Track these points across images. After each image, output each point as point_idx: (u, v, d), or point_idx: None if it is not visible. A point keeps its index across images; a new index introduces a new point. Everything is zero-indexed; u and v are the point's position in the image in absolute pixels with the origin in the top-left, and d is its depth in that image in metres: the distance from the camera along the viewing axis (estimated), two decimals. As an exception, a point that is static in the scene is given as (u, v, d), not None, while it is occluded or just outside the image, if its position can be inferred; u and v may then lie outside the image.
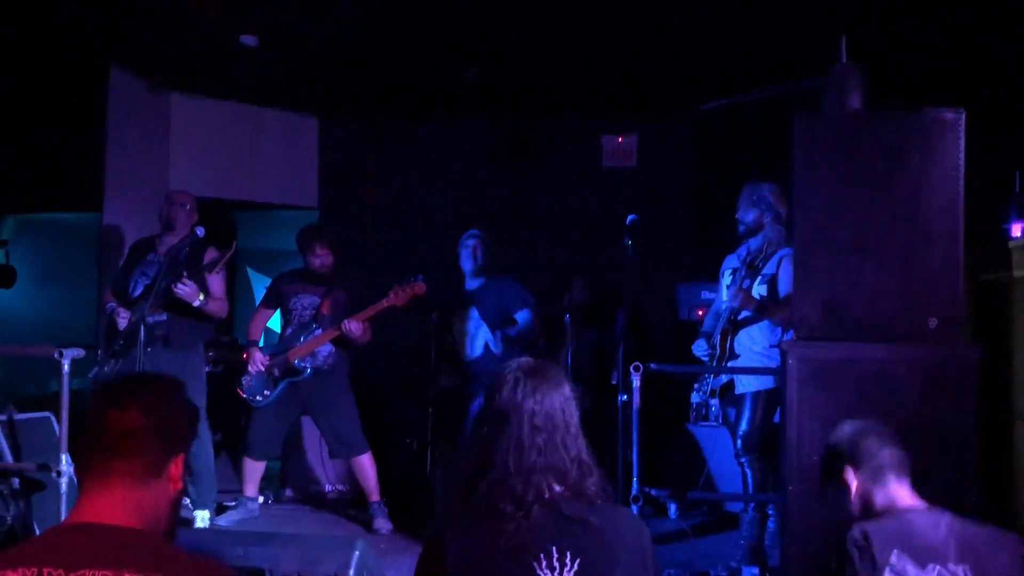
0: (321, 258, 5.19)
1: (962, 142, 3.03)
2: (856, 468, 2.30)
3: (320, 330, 5.13)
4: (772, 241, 4.35)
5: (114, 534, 1.56)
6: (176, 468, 1.66)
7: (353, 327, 5.01)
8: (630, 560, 1.83)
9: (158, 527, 1.65)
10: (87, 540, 1.55)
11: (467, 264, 5.36)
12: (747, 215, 4.43)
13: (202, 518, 4.99)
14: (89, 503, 1.60)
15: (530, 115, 6.83)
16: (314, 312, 5.19)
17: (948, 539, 2.12)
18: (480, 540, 1.79)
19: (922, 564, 2.08)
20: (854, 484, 2.31)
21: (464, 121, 6.90)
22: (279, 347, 5.19)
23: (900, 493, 2.26)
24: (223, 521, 5.08)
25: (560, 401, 1.90)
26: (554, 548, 1.78)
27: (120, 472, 1.60)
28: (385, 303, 5.05)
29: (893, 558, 2.08)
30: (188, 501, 5.43)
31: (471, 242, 5.38)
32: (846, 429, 2.38)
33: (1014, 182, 4.55)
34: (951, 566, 2.08)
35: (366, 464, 5.15)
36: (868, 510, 2.28)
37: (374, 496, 5.16)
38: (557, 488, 1.84)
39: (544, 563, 1.77)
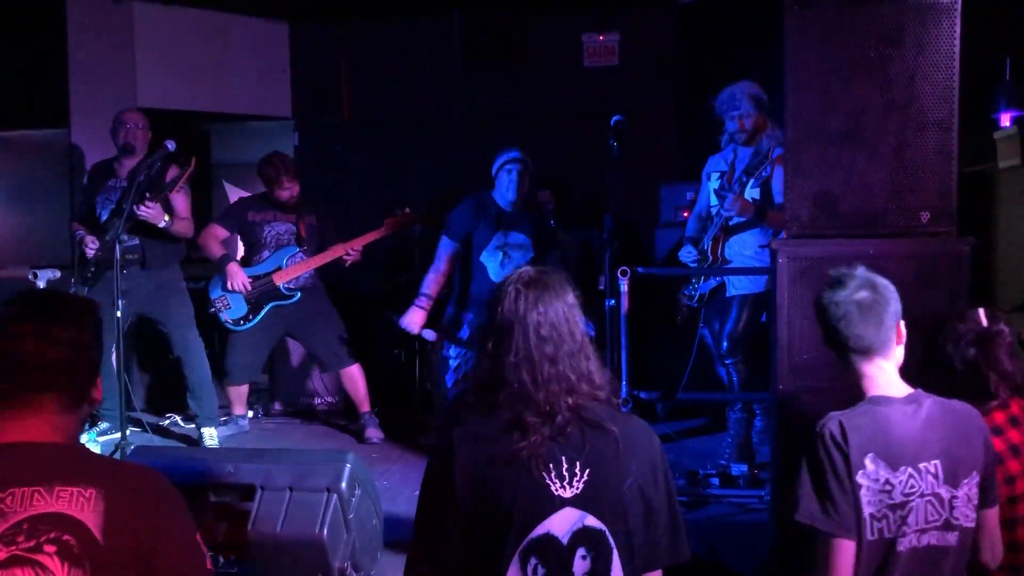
0: (289, 190, 5.03)
1: (958, 27, 2.93)
2: (837, 338, 2.09)
3: (301, 254, 5.03)
4: (775, 139, 4.21)
5: (39, 450, 1.54)
6: (98, 391, 1.65)
7: (352, 254, 4.96)
8: (641, 471, 1.81)
9: (77, 441, 1.65)
10: (12, 459, 1.52)
11: (510, 194, 4.54)
12: (747, 122, 4.27)
13: (209, 435, 4.98)
14: (10, 427, 1.55)
15: (507, 11, 6.62)
16: (293, 236, 5.07)
17: (923, 433, 2.00)
18: (490, 450, 1.77)
19: (895, 467, 1.96)
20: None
21: (440, 18, 6.68)
22: (259, 270, 5.05)
23: (879, 378, 2.08)
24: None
25: (563, 309, 1.86)
26: (563, 458, 1.77)
27: (48, 404, 1.57)
28: (378, 234, 4.96)
29: (868, 461, 1.95)
30: (179, 418, 5.46)
31: (516, 168, 4.53)
32: (838, 295, 2.08)
33: (1003, 69, 4.44)
34: (923, 465, 1.98)
35: (355, 375, 5.14)
36: (849, 384, 2.12)
37: (364, 407, 5.17)
38: (570, 397, 1.81)
39: (554, 473, 1.76)
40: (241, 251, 5.32)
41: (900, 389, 2.09)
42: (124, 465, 1.60)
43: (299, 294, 5.03)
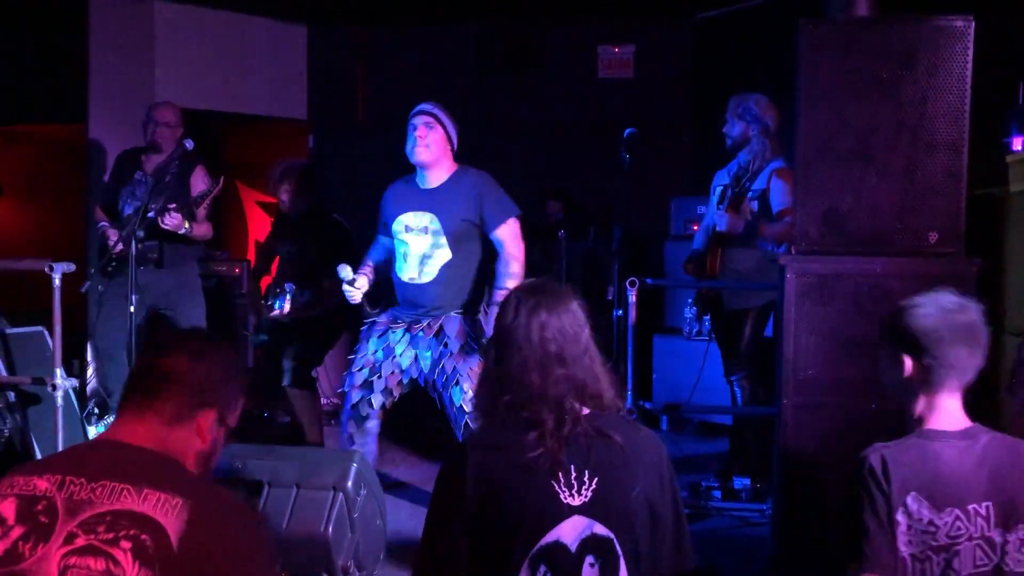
0: (282, 196, 4.84)
1: (970, 51, 2.96)
2: (915, 358, 1.94)
3: (279, 306, 4.74)
4: (758, 155, 4.26)
5: (138, 454, 1.59)
6: (204, 421, 1.65)
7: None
8: (648, 480, 1.82)
9: (179, 460, 1.66)
10: (111, 455, 1.58)
11: (412, 155, 3.75)
12: (733, 129, 4.35)
13: None
14: (120, 428, 1.63)
15: (523, 21, 6.67)
16: (284, 273, 4.89)
17: (976, 473, 1.87)
18: (501, 458, 1.78)
19: (940, 508, 1.85)
20: (907, 371, 1.96)
21: (456, 27, 6.73)
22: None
23: (942, 409, 1.94)
24: None
25: (567, 318, 1.88)
26: (572, 467, 1.78)
27: (153, 410, 1.63)
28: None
29: (909, 500, 1.85)
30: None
31: (417, 120, 3.75)
32: (930, 311, 1.94)
33: (1015, 93, 4.45)
34: (972, 507, 1.86)
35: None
36: (901, 407, 1.99)
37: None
38: (575, 404, 1.83)
39: (563, 481, 1.77)
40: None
41: (958, 422, 1.95)
42: (221, 488, 1.61)
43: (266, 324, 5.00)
